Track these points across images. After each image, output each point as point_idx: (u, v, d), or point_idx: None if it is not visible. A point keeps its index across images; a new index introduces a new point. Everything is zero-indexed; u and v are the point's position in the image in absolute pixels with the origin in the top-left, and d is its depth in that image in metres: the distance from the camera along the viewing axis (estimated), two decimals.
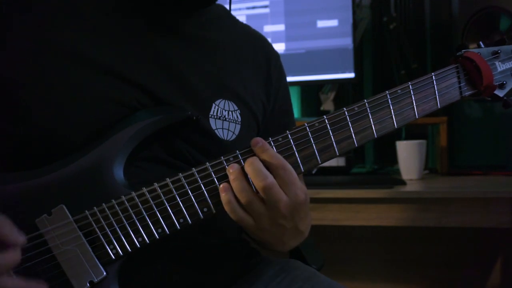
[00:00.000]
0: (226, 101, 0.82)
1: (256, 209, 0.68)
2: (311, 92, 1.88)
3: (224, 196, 0.68)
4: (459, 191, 1.27)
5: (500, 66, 0.80)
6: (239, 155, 0.70)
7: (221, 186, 0.68)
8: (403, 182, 1.39)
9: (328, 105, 1.79)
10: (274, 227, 0.70)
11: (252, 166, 0.67)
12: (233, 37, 0.89)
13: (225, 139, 0.81)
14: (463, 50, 0.80)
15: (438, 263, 1.80)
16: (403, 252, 1.83)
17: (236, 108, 0.83)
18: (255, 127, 0.87)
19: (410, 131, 1.70)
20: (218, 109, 0.81)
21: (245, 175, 0.68)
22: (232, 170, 0.68)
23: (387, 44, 1.75)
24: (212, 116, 0.80)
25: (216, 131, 0.80)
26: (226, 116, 0.82)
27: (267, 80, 0.91)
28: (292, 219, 0.71)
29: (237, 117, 0.83)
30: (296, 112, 1.87)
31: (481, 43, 0.82)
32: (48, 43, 0.72)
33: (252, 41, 0.94)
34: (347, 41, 1.63)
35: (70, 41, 0.72)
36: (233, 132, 0.82)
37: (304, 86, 1.84)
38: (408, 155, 1.48)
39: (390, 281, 1.87)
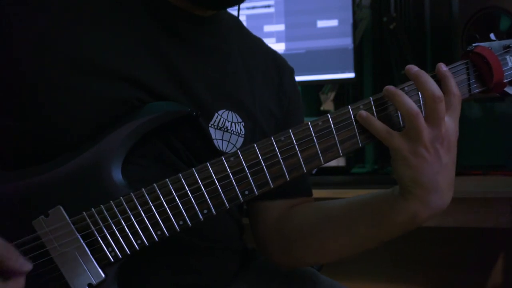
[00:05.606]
0: (230, 112, 0.79)
1: (418, 124, 0.65)
2: (311, 92, 1.88)
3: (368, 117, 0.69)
4: (459, 191, 1.26)
5: (511, 61, 0.76)
6: (240, 155, 0.68)
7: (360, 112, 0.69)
8: None
9: (328, 105, 1.78)
10: (432, 151, 0.67)
11: (423, 77, 0.67)
12: (244, 49, 0.87)
13: (225, 151, 0.78)
14: (473, 45, 0.76)
15: (438, 263, 1.79)
16: (403, 252, 1.83)
17: (240, 120, 0.80)
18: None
19: None
20: (220, 119, 0.78)
21: None
22: (393, 88, 0.68)
23: (387, 44, 1.74)
24: (213, 126, 0.77)
25: (215, 141, 0.77)
26: (229, 128, 0.79)
27: (279, 92, 0.89)
28: (449, 151, 0.68)
29: (240, 129, 0.80)
30: None
31: (492, 35, 0.78)
32: (51, 44, 0.71)
33: (263, 53, 0.91)
34: (347, 41, 1.62)
35: (73, 42, 0.72)
36: (234, 145, 0.79)
37: (304, 86, 1.83)
38: None
39: (390, 281, 1.86)
